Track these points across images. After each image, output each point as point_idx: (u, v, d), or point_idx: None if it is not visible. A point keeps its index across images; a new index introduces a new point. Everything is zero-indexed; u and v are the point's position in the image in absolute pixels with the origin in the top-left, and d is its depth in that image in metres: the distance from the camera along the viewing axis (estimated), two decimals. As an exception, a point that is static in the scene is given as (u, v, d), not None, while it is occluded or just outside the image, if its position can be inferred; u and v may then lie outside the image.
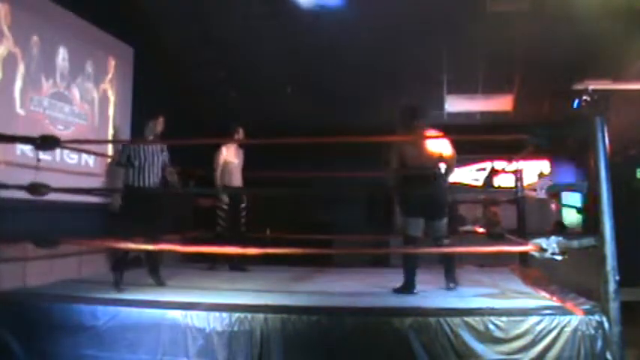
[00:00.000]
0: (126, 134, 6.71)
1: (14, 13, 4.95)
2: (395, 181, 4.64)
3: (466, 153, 7.11)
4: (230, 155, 6.15)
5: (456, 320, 3.33)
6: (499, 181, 8.91)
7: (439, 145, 4.53)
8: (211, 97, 7.97)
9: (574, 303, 3.57)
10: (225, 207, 6.09)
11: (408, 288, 4.43)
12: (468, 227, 7.32)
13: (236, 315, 3.47)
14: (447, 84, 8.24)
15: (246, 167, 6.41)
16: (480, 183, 8.36)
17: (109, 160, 6.16)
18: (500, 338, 3.30)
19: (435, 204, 4.54)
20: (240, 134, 6.26)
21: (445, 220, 4.62)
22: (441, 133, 4.59)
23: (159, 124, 4.99)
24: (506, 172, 6.99)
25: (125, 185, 4.90)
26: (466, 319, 3.34)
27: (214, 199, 6.26)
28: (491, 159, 7.95)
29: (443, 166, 4.61)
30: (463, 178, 9.66)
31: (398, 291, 4.45)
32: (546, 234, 3.60)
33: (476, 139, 4.94)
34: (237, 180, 6.21)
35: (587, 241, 3.38)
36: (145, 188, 4.77)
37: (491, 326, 3.31)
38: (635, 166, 8.04)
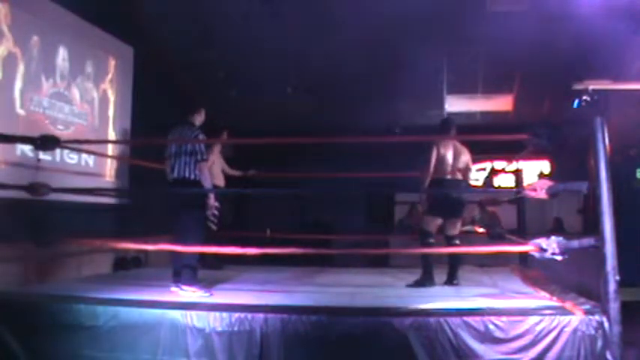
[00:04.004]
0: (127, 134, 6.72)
1: (14, 13, 4.95)
2: (427, 182, 4.84)
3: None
4: (216, 157, 6.26)
5: (456, 320, 3.33)
6: (499, 181, 8.91)
7: (464, 160, 4.88)
8: (211, 97, 7.97)
9: (574, 303, 3.56)
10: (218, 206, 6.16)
11: (425, 281, 4.66)
12: (468, 227, 7.33)
13: (236, 315, 3.47)
14: (447, 84, 8.24)
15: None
16: (480, 183, 8.36)
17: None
18: (500, 338, 3.30)
19: (455, 204, 4.84)
20: (224, 137, 6.39)
21: (460, 220, 4.97)
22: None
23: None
24: (506, 172, 6.99)
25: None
26: (466, 319, 3.34)
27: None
28: (491, 159, 7.95)
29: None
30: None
31: (415, 284, 4.65)
32: (546, 234, 3.60)
33: (476, 139, 4.96)
34: (221, 180, 6.29)
35: (587, 241, 3.38)
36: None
37: (491, 326, 3.31)
38: (635, 166, 8.04)
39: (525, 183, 5.92)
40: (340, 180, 7.91)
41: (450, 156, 4.77)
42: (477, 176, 8.02)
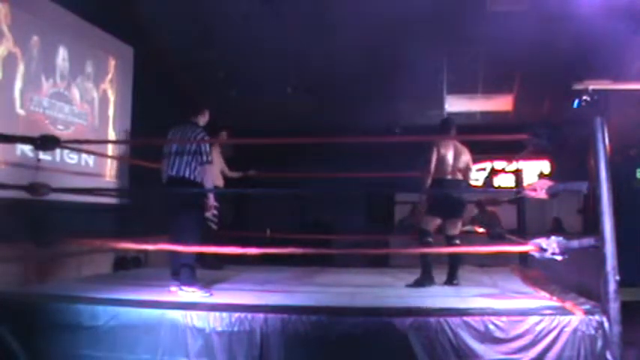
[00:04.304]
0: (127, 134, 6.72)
1: (14, 13, 4.95)
2: (428, 182, 4.83)
3: (466, 153, 7.12)
4: (216, 157, 6.20)
5: (456, 320, 3.33)
6: (499, 181, 8.91)
7: (464, 160, 4.88)
8: (211, 97, 7.98)
9: (574, 303, 3.56)
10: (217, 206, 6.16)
11: (425, 281, 4.65)
12: (468, 227, 7.33)
13: (236, 315, 3.47)
14: (447, 84, 8.24)
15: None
16: (480, 183, 8.36)
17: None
18: (500, 338, 3.30)
19: (455, 204, 4.84)
20: (224, 137, 6.36)
21: (460, 220, 4.97)
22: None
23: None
24: (506, 172, 7.00)
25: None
26: (466, 319, 3.34)
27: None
28: (491, 159, 7.96)
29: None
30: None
31: (414, 284, 4.64)
32: (546, 234, 3.60)
33: (476, 139, 4.96)
34: (220, 180, 6.26)
35: (587, 241, 3.38)
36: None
37: (491, 326, 3.31)
38: (635, 166, 8.04)
39: (525, 183, 5.92)
40: (340, 180, 7.92)
41: (450, 156, 4.78)
42: (476, 176, 8.02)
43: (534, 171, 9.42)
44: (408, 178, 6.00)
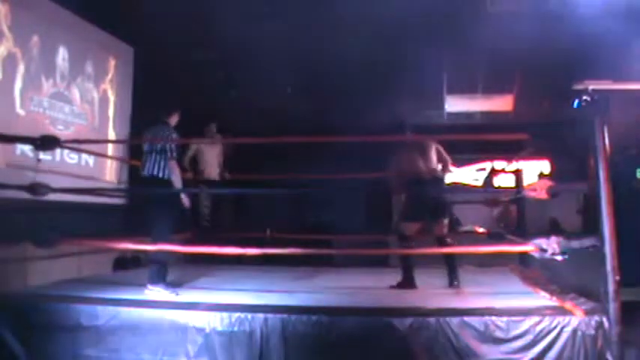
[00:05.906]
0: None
1: (14, 13, 4.95)
2: (396, 186, 4.73)
3: (466, 153, 7.11)
4: (205, 150, 6.19)
5: (455, 320, 3.33)
6: (499, 181, 8.91)
7: (434, 150, 4.78)
8: (211, 97, 7.97)
9: (574, 303, 3.57)
10: (207, 204, 6.17)
11: (407, 284, 4.58)
12: (469, 227, 7.32)
13: (236, 315, 3.47)
14: (447, 84, 8.24)
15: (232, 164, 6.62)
16: (480, 183, 8.35)
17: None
18: (500, 338, 3.30)
19: (436, 205, 4.71)
20: (212, 130, 6.39)
21: (446, 220, 4.82)
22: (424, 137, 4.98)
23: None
24: (506, 172, 6.99)
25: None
26: (466, 319, 3.34)
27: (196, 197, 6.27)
28: (491, 159, 7.95)
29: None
30: (463, 178, 9.65)
31: (397, 287, 4.59)
32: (544, 234, 3.60)
33: (476, 139, 4.95)
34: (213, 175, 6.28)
35: (587, 241, 3.38)
36: None
37: (491, 326, 3.31)
38: (635, 166, 8.03)
39: (525, 183, 5.91)
40: (340, 180, 7.91)
41: (416, 156, 4.74)
42: (476, 176, 8.02)
43: (534, 171, 9.42)
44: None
